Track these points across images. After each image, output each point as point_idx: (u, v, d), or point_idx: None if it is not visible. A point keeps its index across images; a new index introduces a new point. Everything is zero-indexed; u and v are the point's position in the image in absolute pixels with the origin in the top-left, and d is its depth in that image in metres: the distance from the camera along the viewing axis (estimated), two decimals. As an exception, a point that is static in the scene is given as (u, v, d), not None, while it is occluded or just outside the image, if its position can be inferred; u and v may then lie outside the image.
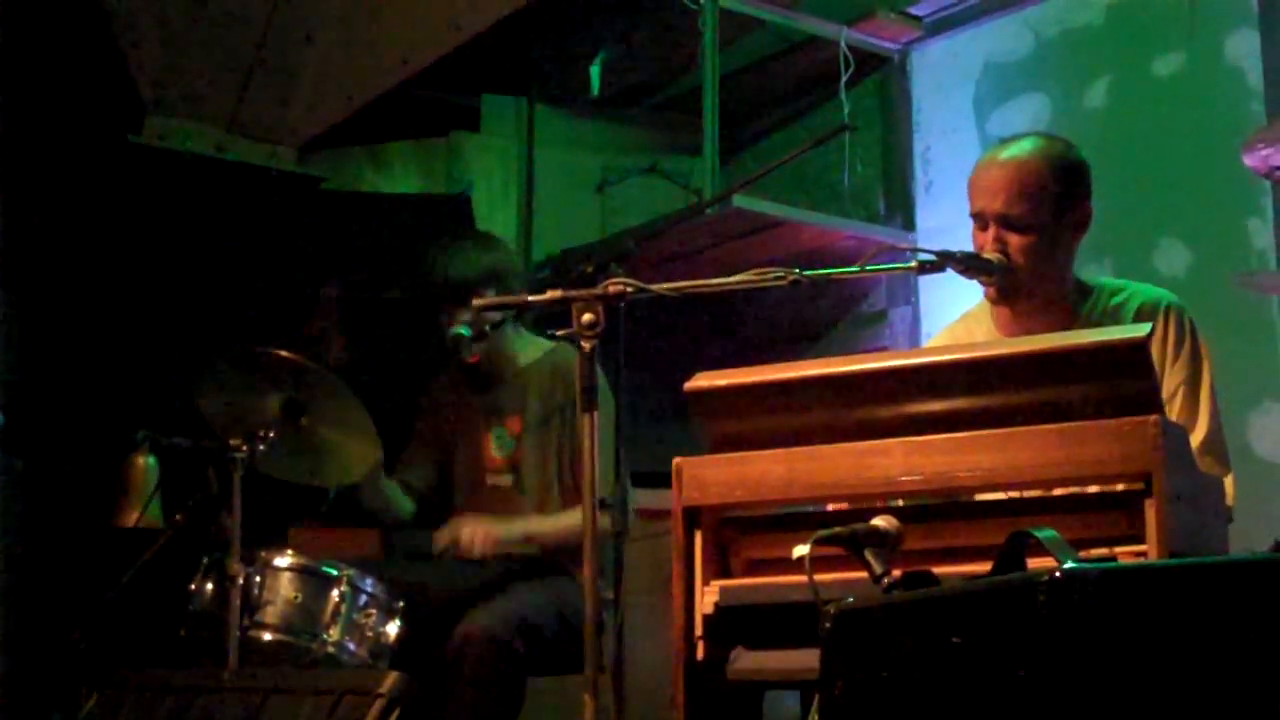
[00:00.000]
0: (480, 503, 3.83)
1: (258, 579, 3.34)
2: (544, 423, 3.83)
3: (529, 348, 3.92)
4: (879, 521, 2.18)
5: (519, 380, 3.90)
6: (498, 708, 3.42)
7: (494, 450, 3.89)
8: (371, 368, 4.14)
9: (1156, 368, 2.40)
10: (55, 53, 4.57)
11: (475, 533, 3.65)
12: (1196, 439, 2.69)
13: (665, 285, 2.62)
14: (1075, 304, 2.90)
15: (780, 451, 2.37)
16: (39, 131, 4.49)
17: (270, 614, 3.33)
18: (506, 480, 3.86)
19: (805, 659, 2.03)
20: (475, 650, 3.39)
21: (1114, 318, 2.85)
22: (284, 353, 3.42)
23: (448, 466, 3.96)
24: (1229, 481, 2.67)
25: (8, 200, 4.25)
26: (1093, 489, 2.30)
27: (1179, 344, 2.81)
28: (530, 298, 2.79)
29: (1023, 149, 2.89)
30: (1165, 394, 2.64)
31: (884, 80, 5.15)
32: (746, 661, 2.40)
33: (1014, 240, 2.83)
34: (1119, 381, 2.19)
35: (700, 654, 2.39)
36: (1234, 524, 2.57)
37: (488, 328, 3.67)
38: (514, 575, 3.65)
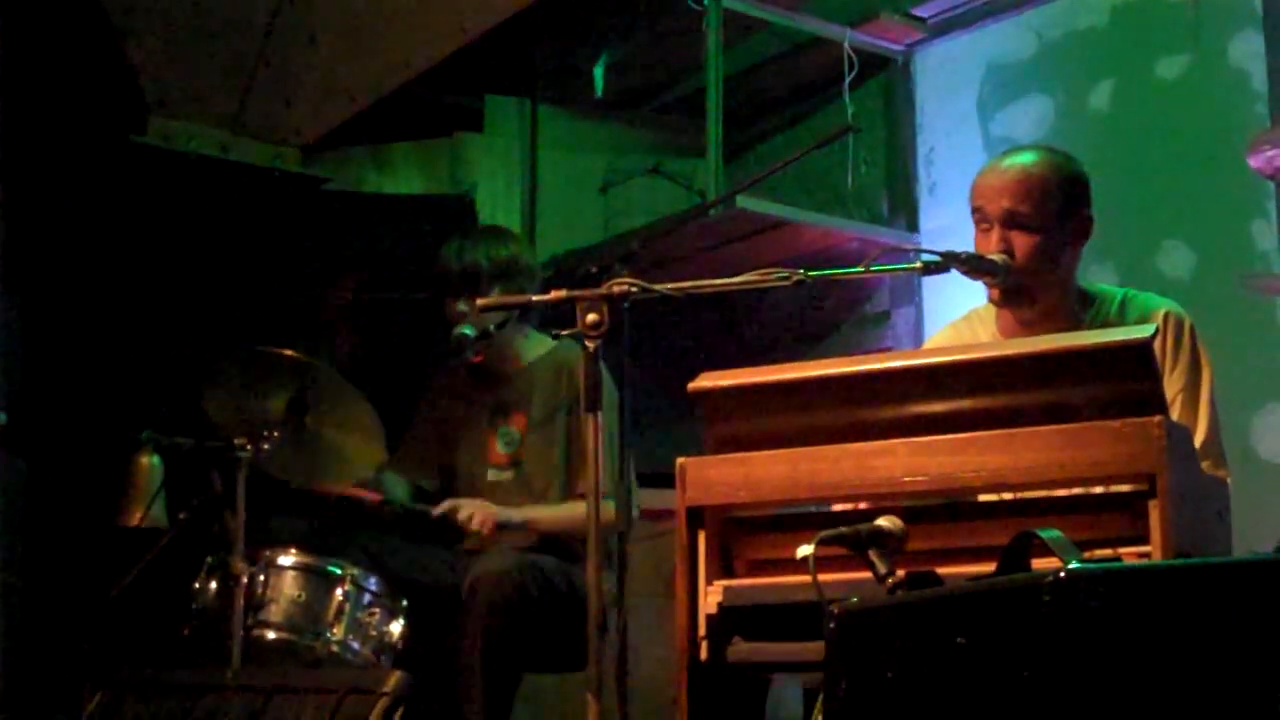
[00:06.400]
0: (481, 499, 3.83)
1: (261, 578, 3.34)
2: (548, 420, 3.84)
3: (533, 345, 3.93)
4: (883, 522, 2.19)
5: (523, 378, 3.91)
6: (509, 642, 3.41)
7: (499, 448, 3.90)
8: (375, 368, 4.14)
9: None
10: (58, 54, 4.57)
11: (475, 512, 3.67)
12: (1194, 444, 2.69)
13: (669, 285, 2.62)
14: (1078, 311, 2.91)
15: (784, 452, 2.37)
16: (42, 132, 4.49)
17: (274, 613, 3.33)
18: (508, 476, 3.87)
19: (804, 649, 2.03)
20: (489, 586, 3.41)
21: (1116, 325, 2.85)
22: (289, 351, 3.43)
23: (449, 464, 3.97)
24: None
25: (11, 200, 4.25)
26: (1097, 490, 2.31)
27: (1176, 350, 2.82)
28: (535, 298, 2.81)
29: (1026, 155, 2.94)
30: None
31: (888, 82, 5.14)
32: (745, 650, 2.39)
33: (1020, 241, 2.84)
34: (1123, 382, 2.19)
35: (703, 654, 2.39)
36: (1236, 525, 2.57)
37: (491, 327, 3.67)
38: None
